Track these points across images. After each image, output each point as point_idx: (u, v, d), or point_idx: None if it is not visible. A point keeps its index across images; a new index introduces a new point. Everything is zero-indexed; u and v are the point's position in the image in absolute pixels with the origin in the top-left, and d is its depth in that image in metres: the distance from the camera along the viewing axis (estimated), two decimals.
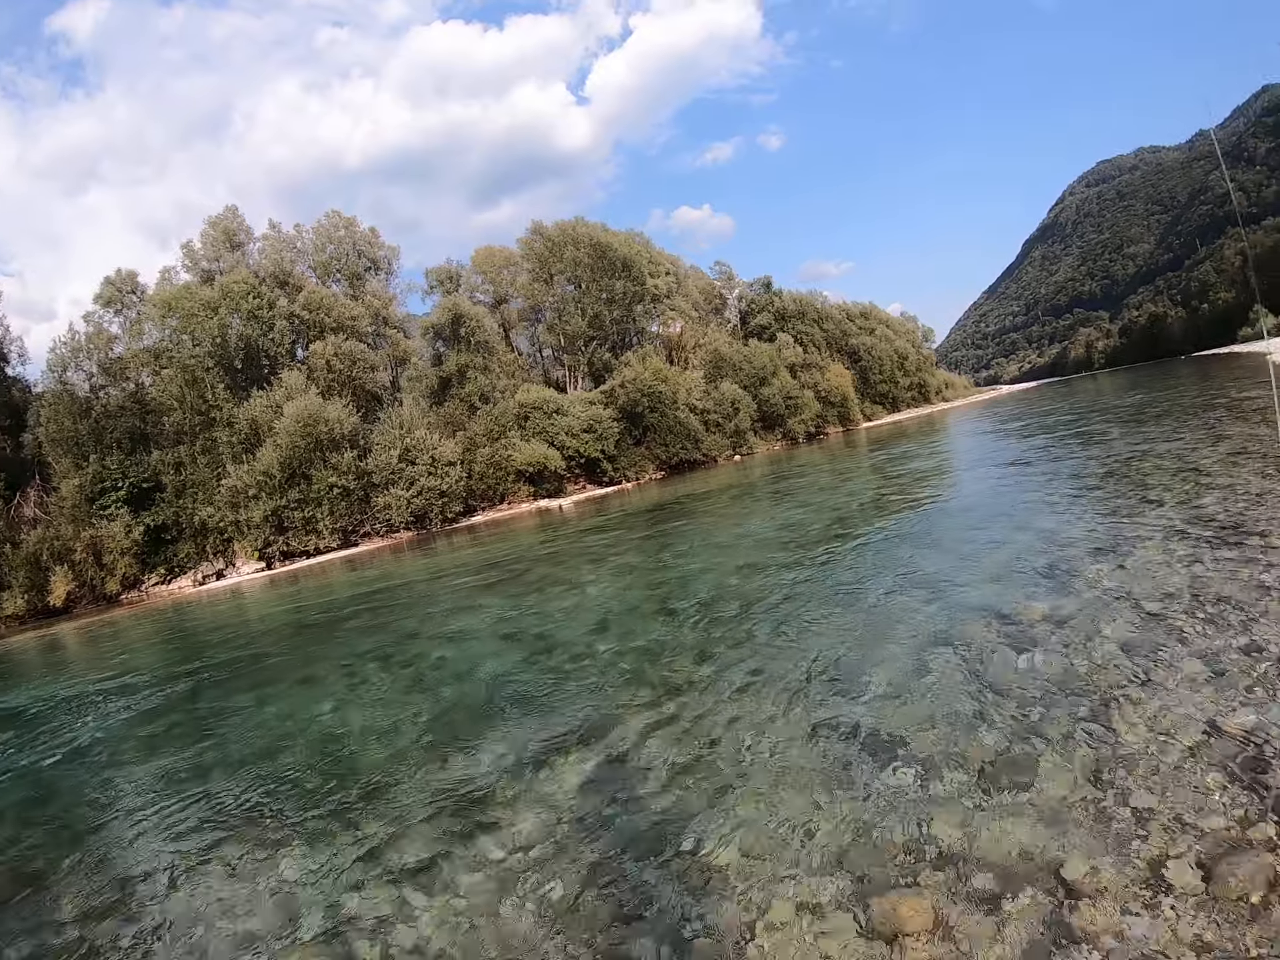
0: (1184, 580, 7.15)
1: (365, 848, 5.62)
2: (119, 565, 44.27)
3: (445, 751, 7.23)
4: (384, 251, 67.72)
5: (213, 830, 6.53)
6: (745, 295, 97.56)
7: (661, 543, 20.25)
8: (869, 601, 9.09)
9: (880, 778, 4.99)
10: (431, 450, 51.05)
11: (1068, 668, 5.90)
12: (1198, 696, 5.00)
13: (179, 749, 9.47)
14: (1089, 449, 20.69)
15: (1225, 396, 25.71)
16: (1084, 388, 76.30)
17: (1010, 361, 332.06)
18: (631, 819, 5.26)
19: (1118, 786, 4.27)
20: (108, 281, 56.45)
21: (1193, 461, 13.56)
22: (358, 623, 17.33)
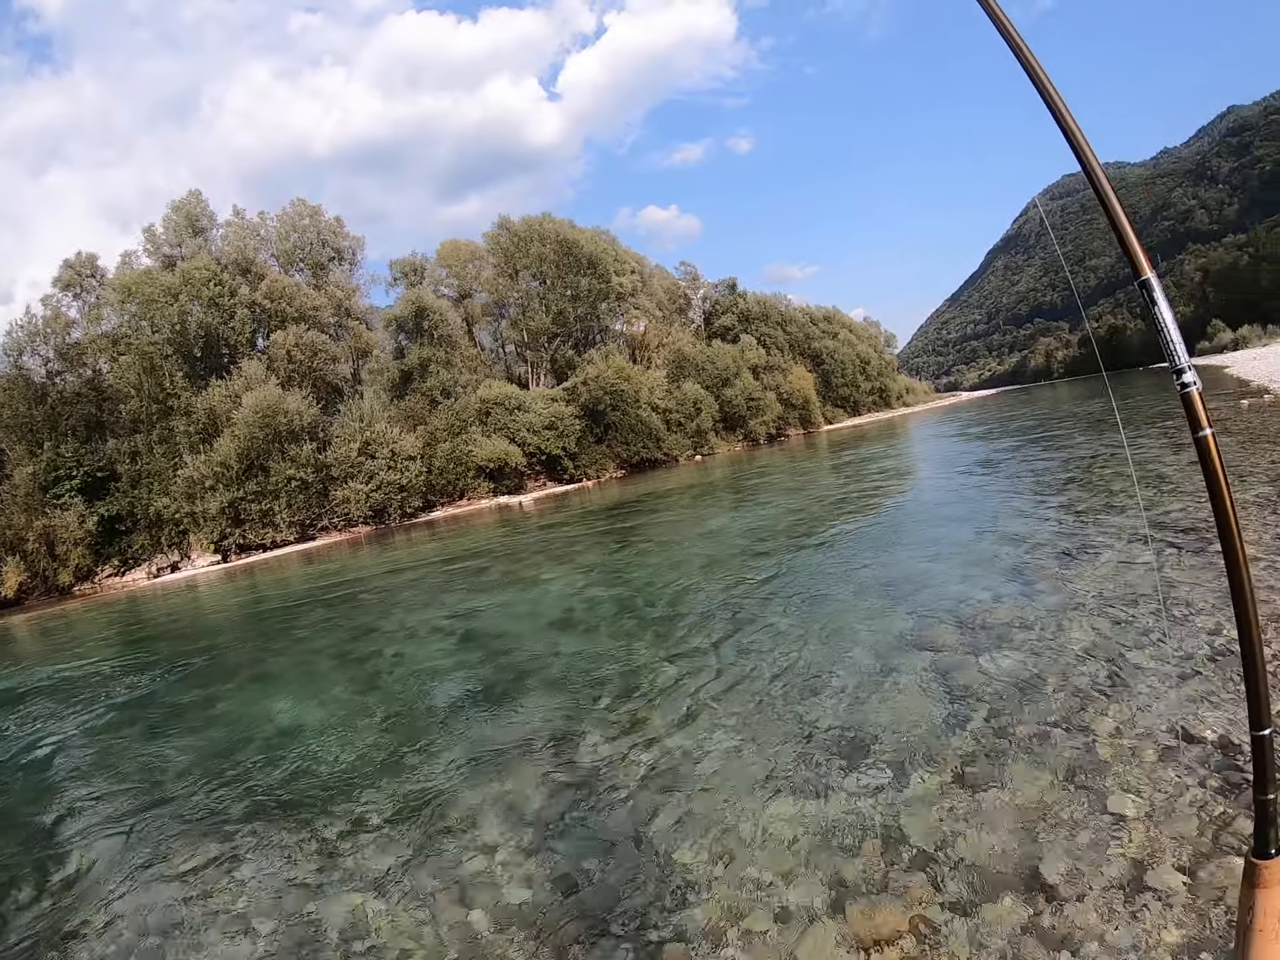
0: (1151, 583, 7.28)
1: (320, 851, 5.50)
2: (72, 556, 43.43)
3: (402, 752, 7.10)
4: (348, 242, 67.09)
5: (161, 834, 6.35)
6: (710, 296, 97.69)
7: (622, 541, 20.33)
8: (834, 603, 9.13)
9: (852, 780, 4.96)
10: (391, 444, 50.81)
11: (1037, 670, 5.92)
12: (1169, 699, 5.04)
13: (126, 748, 9.21)
14: (1052, 454, 21.05)
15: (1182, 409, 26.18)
16: (1043, 396, 77.44)
17: (970, 369, 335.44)
18: (596, 822, 5.17)
19: (1093, 789, 4.27)
20: (67, 264, 55.20)
21: (1155, 468, 13.82)
22: (313, 619, 16.94)
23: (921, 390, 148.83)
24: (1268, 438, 15.61)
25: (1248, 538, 7.87)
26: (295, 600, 21.22)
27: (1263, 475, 11.21)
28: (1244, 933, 1.46)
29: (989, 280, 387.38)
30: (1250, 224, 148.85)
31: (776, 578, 11.26)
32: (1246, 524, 8.42)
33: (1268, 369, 38.14)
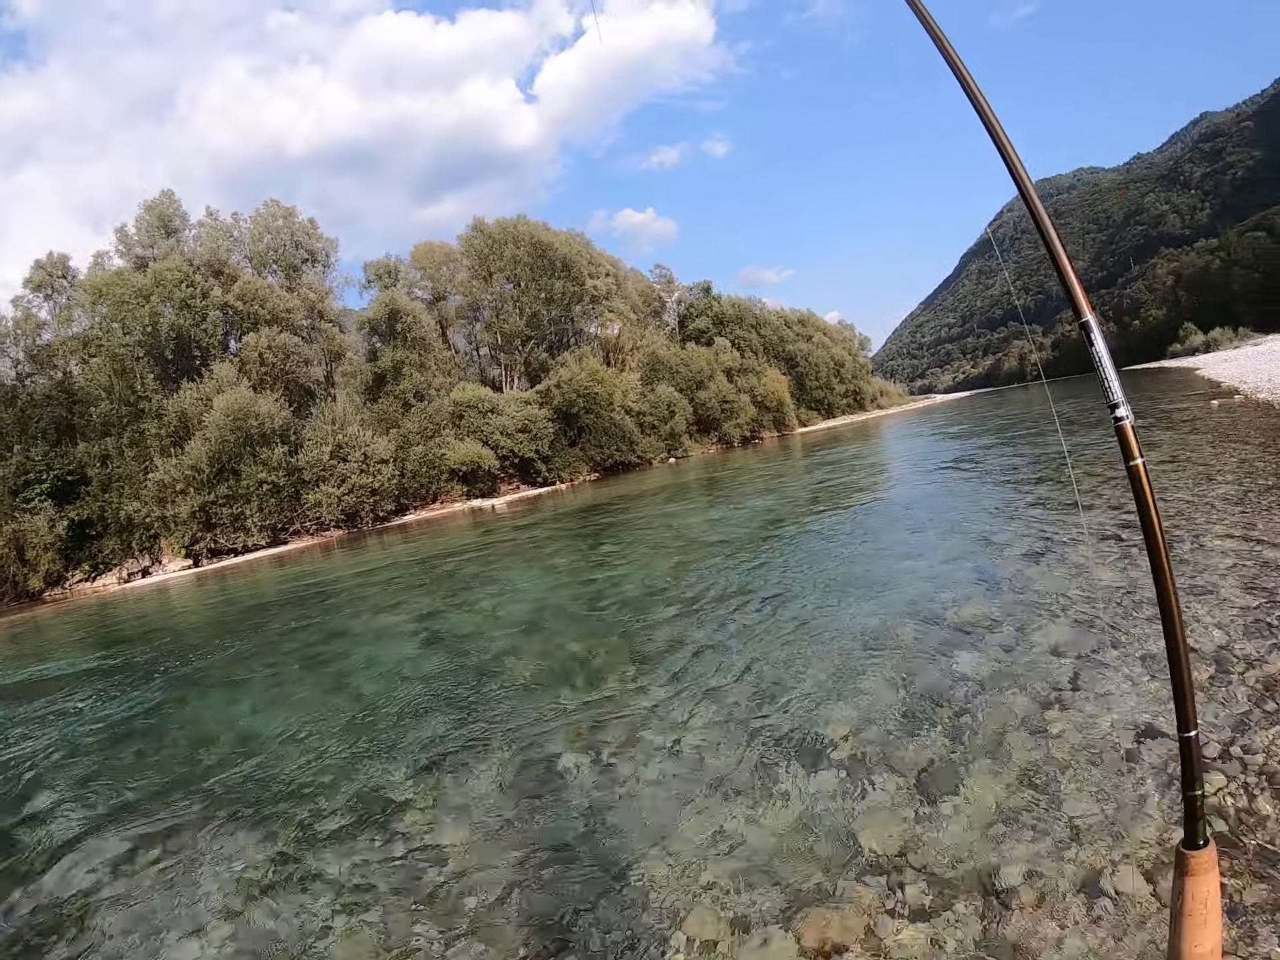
0: (1116, 583, 7.30)
1: (279, 854, 5.48)
2: (42, 561, 42.87)
3: (363, 755, 7.09)
4: (322, 244, 66.62)
5: (120, 836, 6.33)
6: (684, 299, 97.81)
7: (592, 543, 20.34)
8: (800, 604, 9.12)
9: (810, 784, 4.94)
10: (364, 447, 50.59)
11: (1000, 671, 5.92)
12: (1131, 701, 5.01)
13: (92, 751, 9.12)
14: (1021, 454, 21.29)
15: (1156, 409, 26.32)
16: (1016, 398, 77.89)
17: (945, 371, 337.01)
18: (552, 826, 5.17)
19: (1051, 793, 4.22)
20: (38, 265, 54.62)
21: (1123, 469, 13.81)
22: (281, 623, 16.83)
23: (895, 393, 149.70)
24: (1236, 436, 15.89)
25: (1216, 533, 8.06)
26: (264, 606, 21.08)
27: (1229, 474, 11.35)
28: (1175, 918, 1.58)
29: (963, 284, 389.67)
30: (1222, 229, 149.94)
31: (744, 578, 11.30)
32: (1215, 521, 8.60)
33: (1238, 370, 38.59)
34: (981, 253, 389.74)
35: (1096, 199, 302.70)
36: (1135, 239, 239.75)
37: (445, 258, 72.11)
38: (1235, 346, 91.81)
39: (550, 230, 74.74)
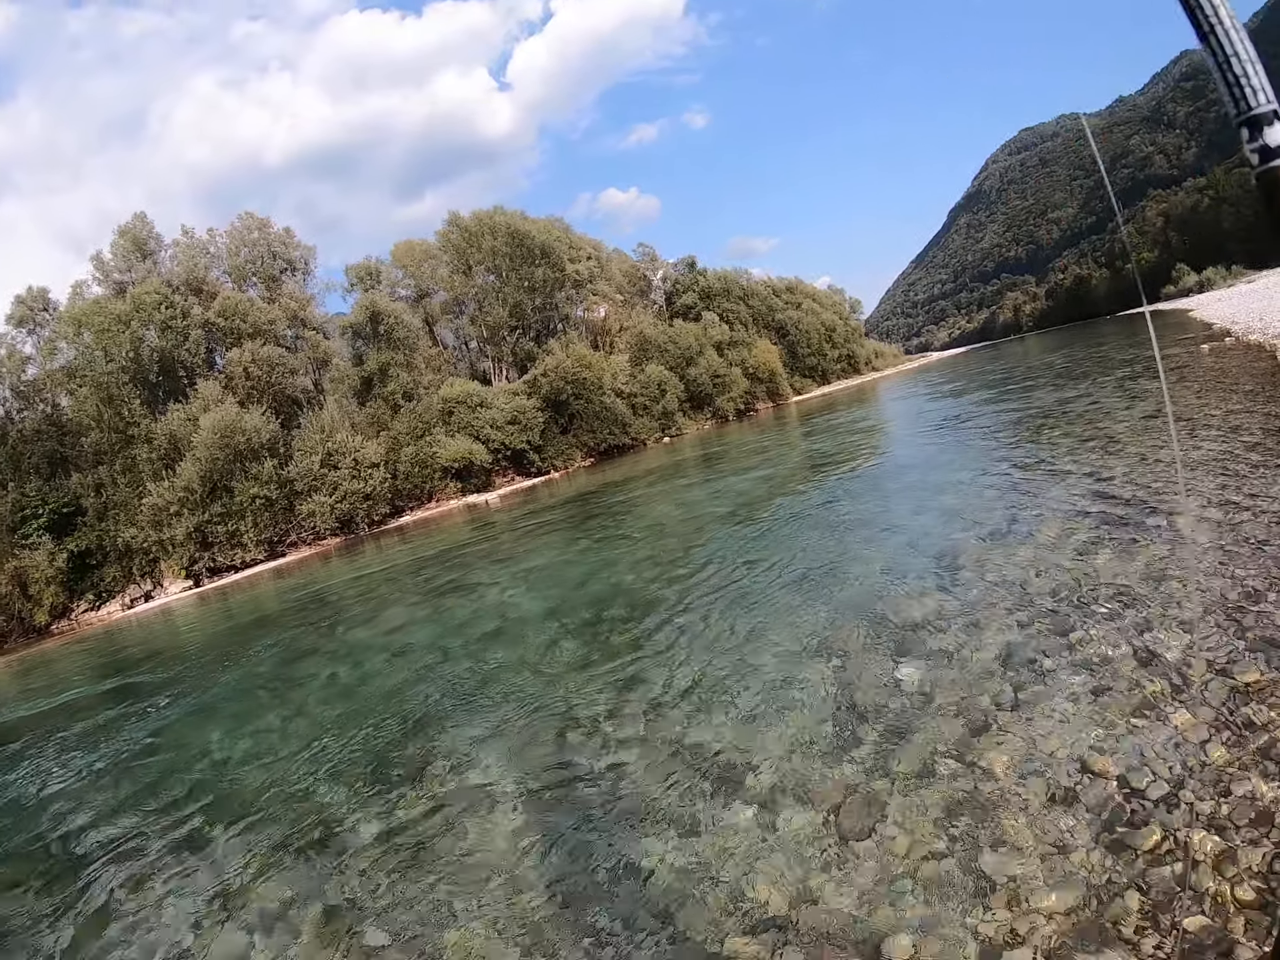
0: (1082, 569, 6.73)
1: (222, 887, 5.52)
2: (45, 595, 42.98)
3: (318, 781, 7.06)
4: (300, 252, 66.35)
5: (76, 865, 6.53)
6: (670, 276, 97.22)
7: (570, 537, 20.18)
8: (755, 599, 8.79)
9: (722, 817, 4.62)
10: (354, 453, 50.51)
11: (940, 682, 5.48)
12: (1075, 723, 4.50)
13: (63, 785, 9.35)
14: (1002, 415, 20.72)
15: (1145, 355, 25.67)
16: (1011, 351, 77.45)
17: (940, 328, 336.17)
18: (444, 852, 5.12)
19: (966, 842, 3.81)
20: (19, 300, 54.47)
21: (1105, 426, 13.39)
22: (271, 640, 16.96)
23: (890, 354, 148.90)
24: (1225, 384, 15.01)
25: (1198, 504, 7.48)
26: (254, 625, 21.29)
27: (1215, 430, 10.55)
28: None
29: (953, 239, 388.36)
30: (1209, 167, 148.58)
31: (706, 572, 10.92)
32: (1195, 492, 7.94)
33: (1230, 310, 37.95)
34: (970, 206, 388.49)
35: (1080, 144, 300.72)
36: (1123, 182, 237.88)
37: (425, 254, 71.73)
38: (1229, 285, 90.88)
39: (527, 219, 74.36)
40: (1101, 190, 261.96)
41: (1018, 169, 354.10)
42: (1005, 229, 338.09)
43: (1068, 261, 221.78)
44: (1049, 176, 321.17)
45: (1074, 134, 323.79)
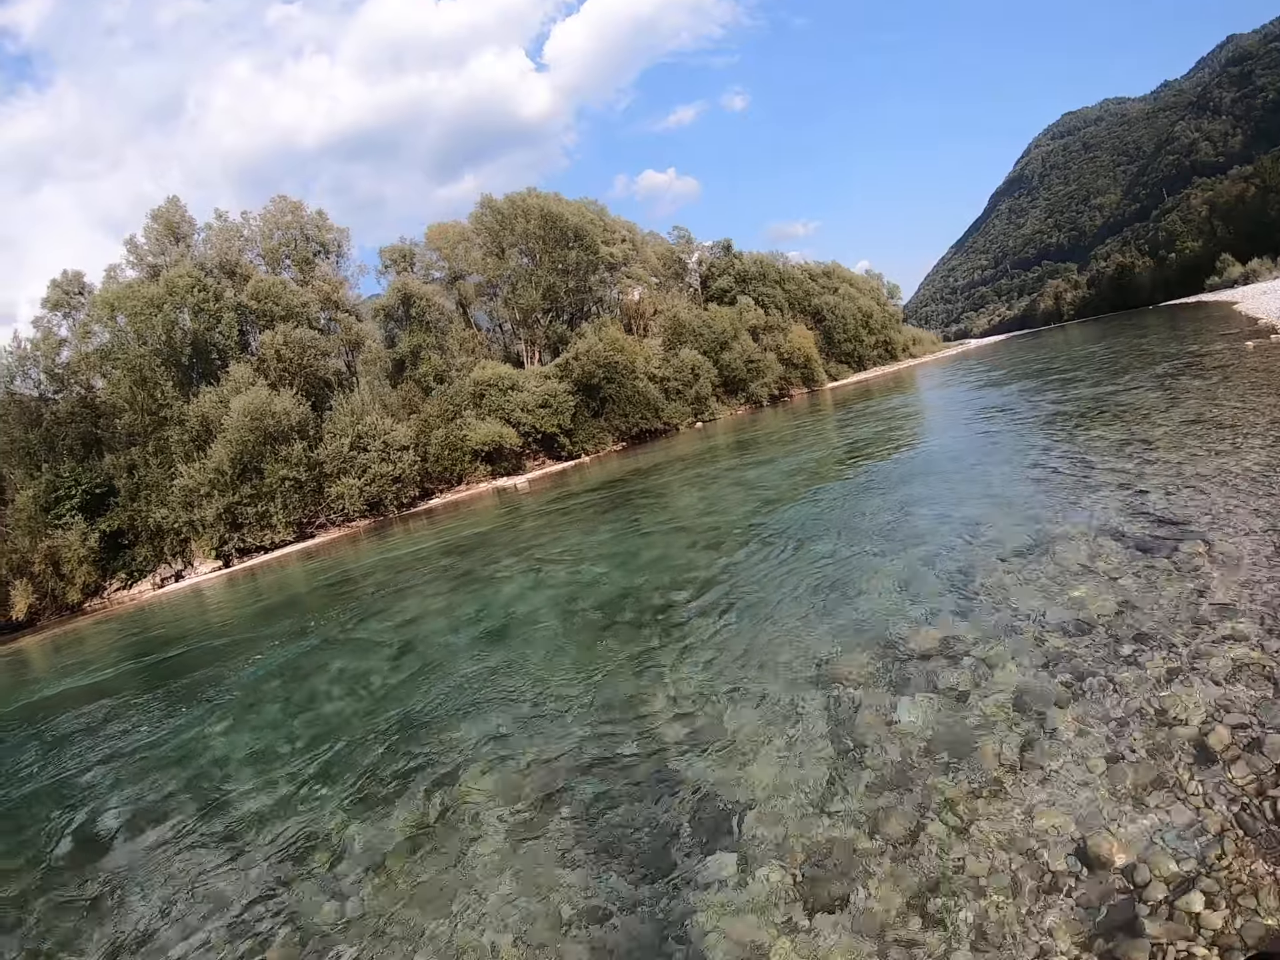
0: (1105, 601, 6.12)
1: (194, 887, 5.59)
2: (78, 574, 43.82)
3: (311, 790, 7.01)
4: (333, 234, 66.40)
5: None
6: (705, 259, 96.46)
7: (592, 528, 19.88)
8: (764, 612, 8.35)
9: (699, 866, 4.40)
10: (384, 436, 50.56)
11: (943, 726, 5.04)
12: (1081, 795, 4.01)
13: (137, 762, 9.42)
14: (1038, 409, 19.95)
15: (1186, 351, 24.90)
16: (1051, 340, 75.58)
17: (980, 315, 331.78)
18: (416, 875, 5.03)
19: (945, 926, 3.47)
20: (54, 284, 54.95)
21: (1142, 430, 12.55)
22: (289, 625, 17.16)
23: (928, 340, 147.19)
24: (1270, 387, 14.03)
25: (1234, 527, 6.86)
26: (273, 609, 21.58)
27: (1259, 439, 9.75)
28: None
29: (994, 224, 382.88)
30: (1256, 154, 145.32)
31: (719, 575, 10.63)
32: (1235, 507, 7.36)
33: (1276, 304, 36.84)
34: (1011, 191, 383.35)
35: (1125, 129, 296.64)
36: (1167, 169, 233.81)
37: (459, 236, 71.42)
38: (1276, 277, 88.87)
39: (562, 201, 73.90)
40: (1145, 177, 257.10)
41: (1060, 154, 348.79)
42: (1047, 215, 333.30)
43: (1111, 249, 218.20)
44: (1092, 162, 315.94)
45: (1118, 119, 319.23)
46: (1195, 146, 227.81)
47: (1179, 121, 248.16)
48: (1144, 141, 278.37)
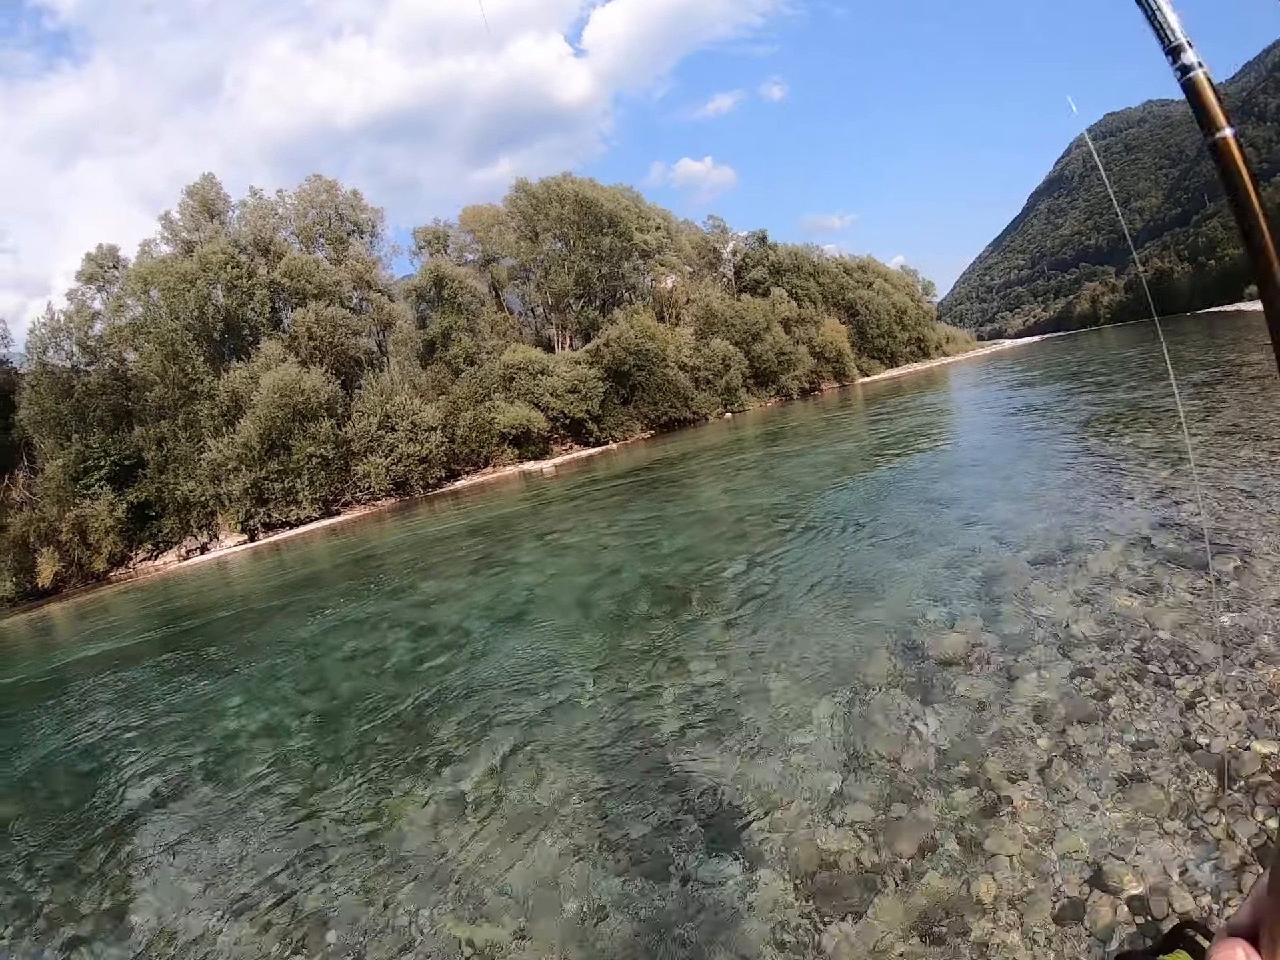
0: (1132, 616, 5.83)
1: (191, 870, 5.52)
2: (104, 544, 44.47)
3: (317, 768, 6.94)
4: (367, 214, 66.83)
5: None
6: (740, 249, 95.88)
7: (615, 516, 19.57)
8: (784, 609, 8.12)
9: (702, 869, 4.21)
10: (412, 416, 50.58)
11: (960, 740, 4.77)
12: (1098, 819, 3.77)
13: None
14: (1072, 413, 19.51)
15: (1224, 360, 24.22)
16: (1087, 344, 74.56)
17: (1015, 315, 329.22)
18: (418, 869, 4.84)
19: (950, 948, 3.28)
20: (89, 258, 55.49)
21: (1178, 440, 12.08)
22: (308, 600, 17.30)
23: (962, 339, 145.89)
24: None
25: (1269, 543, 6.57)
26: (293, 585, 21.74)
27: None
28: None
29: (1032, 224, 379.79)
30: None
31: (742, 568, 10.36)
32: (1270, 529, 6.96)
33: None
34: (1051, 191, 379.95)
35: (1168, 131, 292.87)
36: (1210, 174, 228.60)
37: (493, 220, 71.41)
38: None
39: (596, 186, 73.63)
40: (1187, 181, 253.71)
41: (1102, 154, 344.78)
42: (1086, 216, 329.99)
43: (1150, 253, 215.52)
44: (1134, 164, 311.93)
45: (1161, 121, 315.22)
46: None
47: None
48: (1187, 145, 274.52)
